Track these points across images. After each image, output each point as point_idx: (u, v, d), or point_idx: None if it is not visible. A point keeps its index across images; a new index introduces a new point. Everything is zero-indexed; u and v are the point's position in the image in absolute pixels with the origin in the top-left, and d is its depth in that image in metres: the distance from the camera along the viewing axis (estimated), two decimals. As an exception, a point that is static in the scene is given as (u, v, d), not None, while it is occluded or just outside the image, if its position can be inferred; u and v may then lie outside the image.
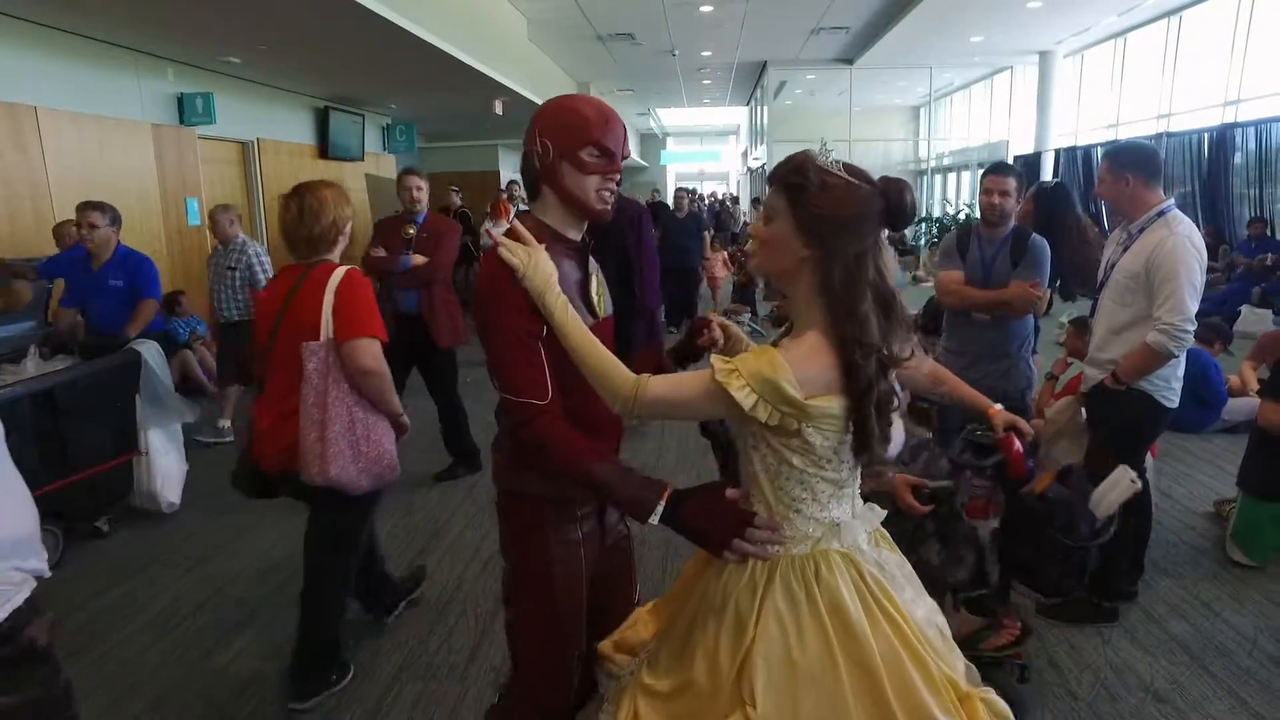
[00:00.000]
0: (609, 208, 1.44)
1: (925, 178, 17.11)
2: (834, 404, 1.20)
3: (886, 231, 1.27)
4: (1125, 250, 2.52)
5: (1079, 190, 11.85)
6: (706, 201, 18.44)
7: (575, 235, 1.48)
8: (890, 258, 1.25)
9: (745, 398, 1.18)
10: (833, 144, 15.81)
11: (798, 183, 1.22)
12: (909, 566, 1.41)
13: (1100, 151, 11.31)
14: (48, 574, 1.38)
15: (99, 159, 5.90)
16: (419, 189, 3.96)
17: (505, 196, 8.32)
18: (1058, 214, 3.67)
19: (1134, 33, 11.12)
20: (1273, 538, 3.04)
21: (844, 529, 1.31)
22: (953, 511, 2.04)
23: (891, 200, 1.22)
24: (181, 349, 6.08)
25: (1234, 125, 8.88)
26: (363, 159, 9.96)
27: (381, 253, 3.90)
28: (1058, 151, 12.38)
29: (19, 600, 1.28)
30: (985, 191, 2.94)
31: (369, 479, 2.21)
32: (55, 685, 1.37)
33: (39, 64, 5.47)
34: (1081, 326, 4.57)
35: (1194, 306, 2.34)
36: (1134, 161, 2.47)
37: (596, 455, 1.34)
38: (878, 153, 17.91)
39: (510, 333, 1.33)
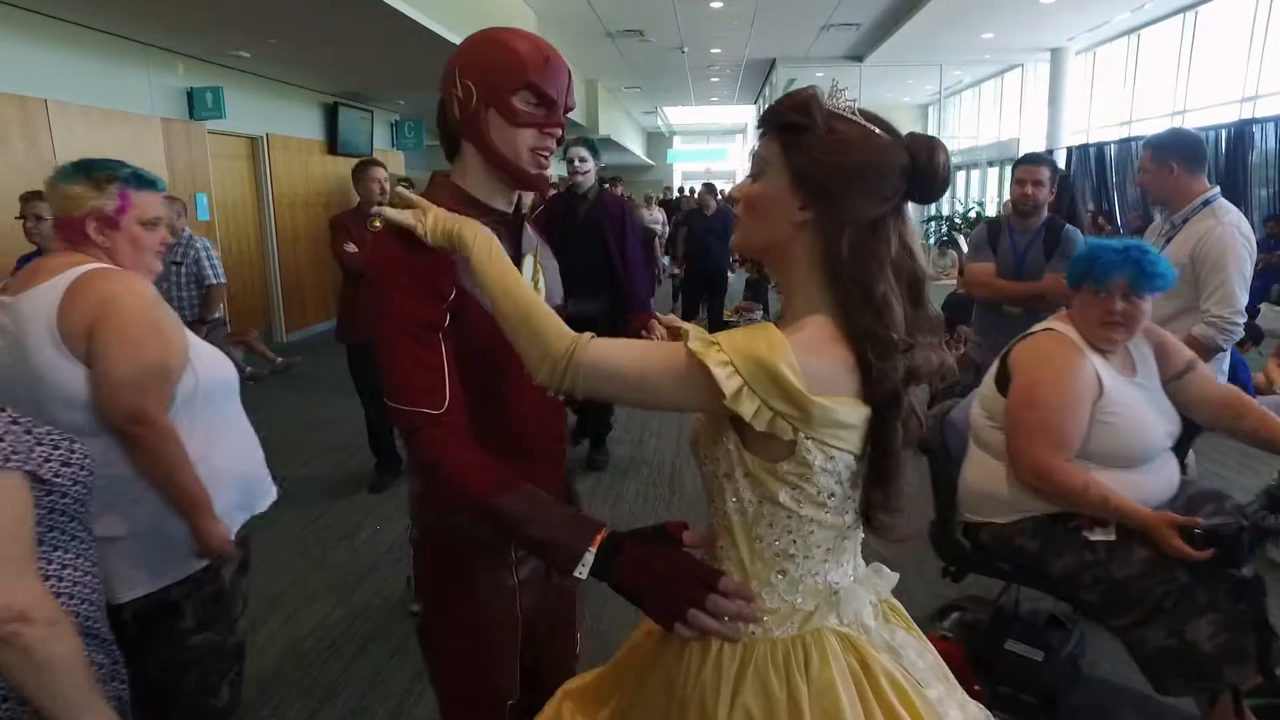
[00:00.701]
0: (545, 172, 1.16)
1: (934, 176, 16.98)
2: (845, 409, 0.89)
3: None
4: (1168, 241, 2.45)
5: (1091, 187, 11.79)
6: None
7: (504, 205, 1.19)
8: (916, 233, 0.97)
9: (728, 380, 0.86)
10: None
11: (796, 123, 0.92)
12: (933, 653, 1.05)
13: (1113, 148, 11.24)
14: (267, 504, 1.72)
15: (109, 153, 5.74)
16: (384, 181, 3.97)
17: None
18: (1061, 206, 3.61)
19: (1148, 29, 11.01)
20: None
21: (844, 598, 0.97)
22: (1236, 571, 1.59)
23: (919, 158, 0.92)
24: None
25: (1252, 121, 8.78)
26: (371, 155, 9.91)
27: (353, 248, 3.79)
28: (1070, 149, 12.29)
29: (239, 525, 1.60)
30: (1018, 182, 2.88)
31: None
32: (235, 629, 1.67)
33: (50, 57, 5.42)
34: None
35: (1244, 298, 2.28)
36: (1178, 149, 2.40)
37: (506, 482, 1.01)
38: (886, 151, 17.81)
39: (399, 322, 1.04)
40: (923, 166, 0.93)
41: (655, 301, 7.93)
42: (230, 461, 1.61)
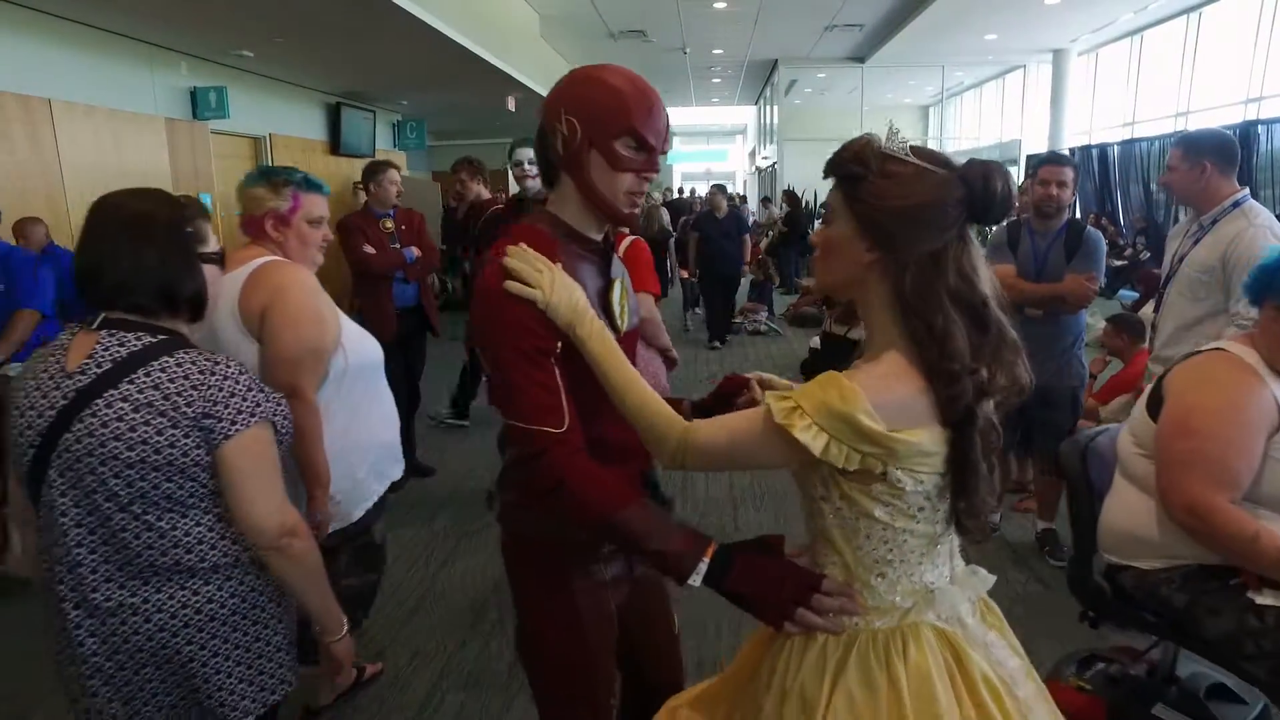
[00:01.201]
0: (637, 212, 1.24)
1: (935, 177, 16.97)
2: (927, 438, 0.98)
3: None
4: (1196, 243, 2.42)
5: (1094, 188, 11.78)
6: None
7: (597, 234, 1.25)
8: (979, 258, 1.02)
9: (814, 440, 0.96)
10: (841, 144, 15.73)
11: (855, 173, 1.01)
12: (1022, 657, 1.12)
13: (1115, 149, 11.22)
14: (396, 476, 1.98)
15: (113, 152, 5.81)
16: (399, 184, 3.96)
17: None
18: None
19: (1151, 30, 11.01)
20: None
21: (939, 597, 1.06)
22: None
23: (975, 187, 0.97)
24: (195, 346, 6.00)
25: (1256, 123, 8.76)
26: (373, 156, 9.88)
27: (372, 250, 3.71)
28: (1072, 150, 12.28)
29: (372, 500, 1.83)
30: (1041, 183, 2.84)
31: None
32: (380, 575, 1.97)
33: (53, 56, 5.37)
34: (1119, 324, 4.47)
35: (1276, 300, 2.24)
36: (1213, 148, 2.36)
37: (626, 497, 1.09)
38: (886, 152, 17.80)
39: (517, 350, 1.10)
40: (979, 194, 0.98)
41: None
42: (373, 432, 1.87)
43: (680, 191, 17.95)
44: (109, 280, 1.20)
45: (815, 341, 6.33)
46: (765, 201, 15.55)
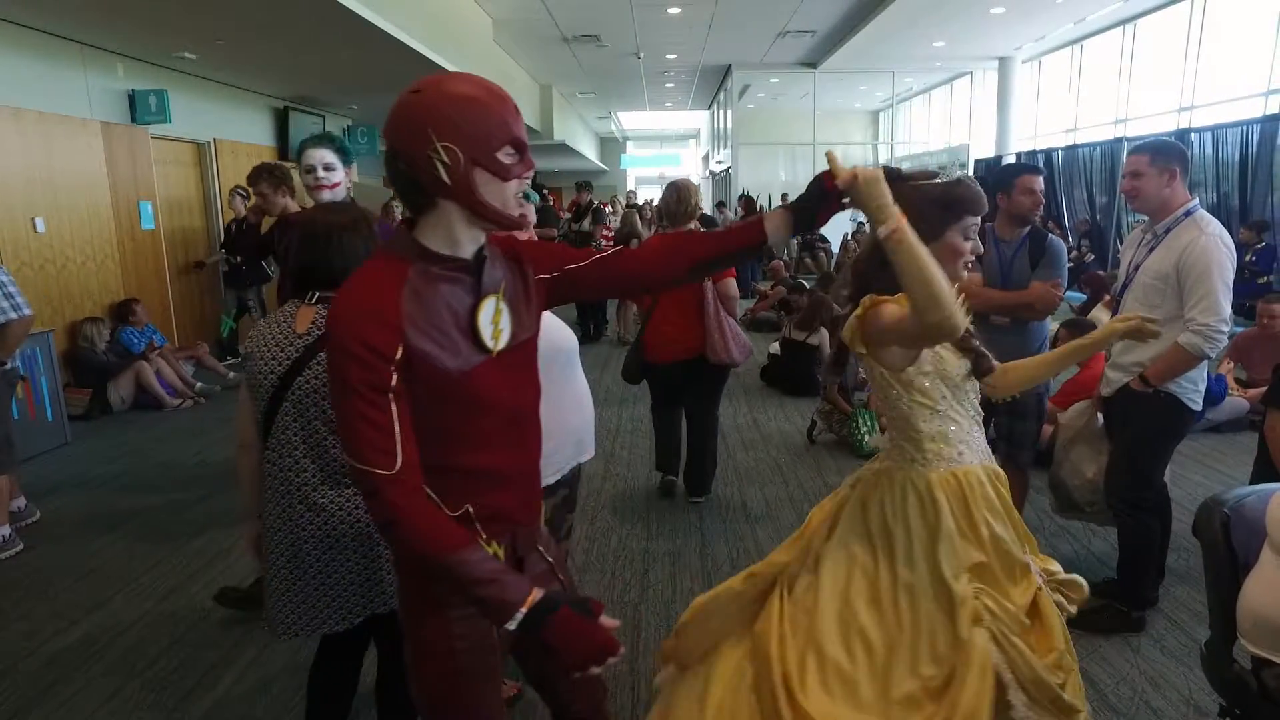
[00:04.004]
0: (525, 213, 1.23)
1: (886, 182, 17.25)
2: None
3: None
4: (1151, 251, 2.47)
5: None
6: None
7: (469, 250, 1.18)
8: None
9: None
10: (796, 148, 15.92)
11: None
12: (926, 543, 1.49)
13: (1060, 154, 11.56)
14: (587, 458, 2.17)
15: (44, 158, 5.54)
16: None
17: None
18: None
19: (1090, 40, 11.39)
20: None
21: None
22: None
23: None
24: (138, 359, 5.77)
25: (1189, 130, 9.12)
26: (323, 161, 9.64)
27: None
28: (1018, 155, 12.63)
29: (568, 468, 2.09)
30: (1028, 191, 2.84)
31: (743, 356, 3.64)
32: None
33: (-24, 57, 5.11)
34: (1073, 329, 4.56)
35: (1228, 307, 2.30)
36: (1177, 157, 2.40)
37: (457, 540, 1.10)
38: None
39: (347, 385, 1.08)
40: None
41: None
42: (563, 417, 2.01)
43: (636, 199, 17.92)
44: (336, 269, 1.62)
45: (774, 347, 6.35)
46: (720, 206, 15.61)
